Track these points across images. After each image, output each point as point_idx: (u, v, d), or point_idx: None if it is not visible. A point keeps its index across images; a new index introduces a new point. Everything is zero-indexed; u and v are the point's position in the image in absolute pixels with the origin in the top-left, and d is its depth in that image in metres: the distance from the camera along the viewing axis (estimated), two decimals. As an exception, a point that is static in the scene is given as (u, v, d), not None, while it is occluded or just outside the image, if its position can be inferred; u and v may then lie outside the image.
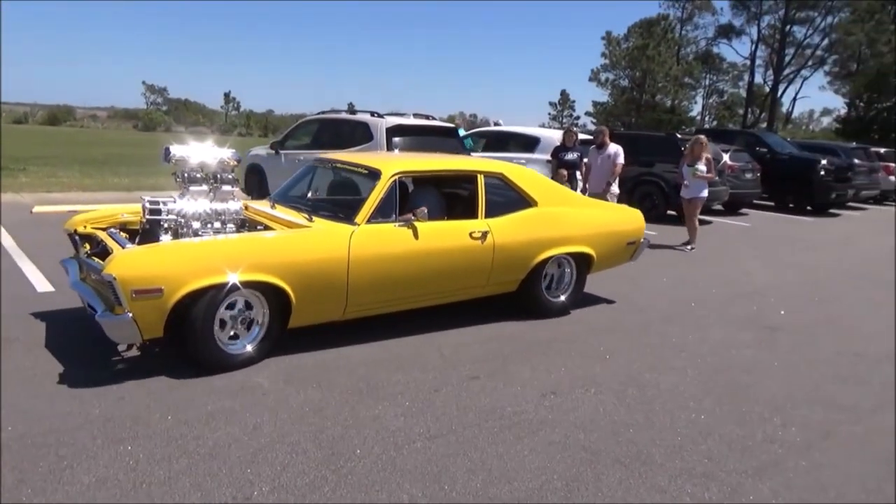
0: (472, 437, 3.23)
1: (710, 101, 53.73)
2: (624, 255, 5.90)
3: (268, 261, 3.88)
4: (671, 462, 3.10)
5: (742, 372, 4.36)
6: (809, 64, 44.17)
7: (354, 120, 8.98)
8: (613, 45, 45.61)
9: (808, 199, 14.88)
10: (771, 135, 19.31)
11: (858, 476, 3.08)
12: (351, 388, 3.72)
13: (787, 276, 7.68)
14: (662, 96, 46.12)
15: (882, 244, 11.07)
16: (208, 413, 3.31)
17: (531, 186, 5.25)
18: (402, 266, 4.43)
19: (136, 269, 3.54)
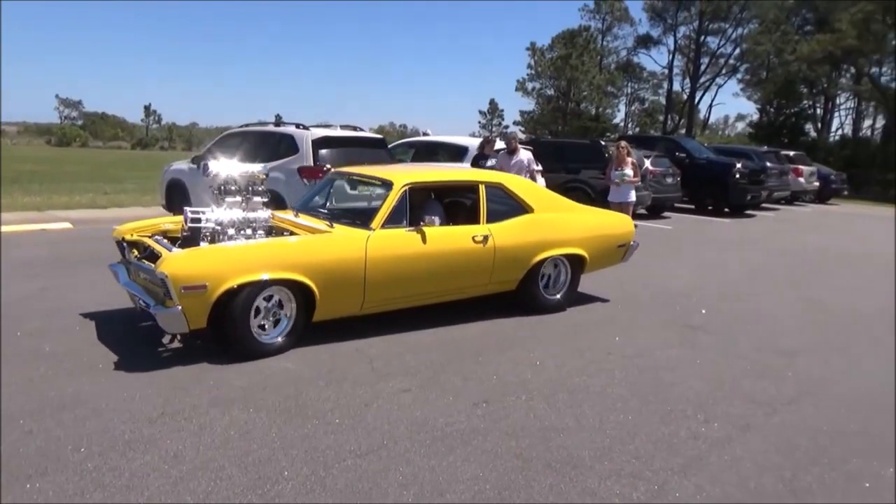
0: (404, 451, 3.19)
1: (633, 109, 55.64)
2: (615, 257, 6.42)
3: (295, 261, 4.43)
4: (600, 464, 3.15)
5: (666, 371, 4.50)
6: (723, 72, 46.41)
7: (279, 132, 8.82)
8: (538, 56, 46.65)
9: (725, 201, 15.58)
10: (689, 140, 20.14)
11: (776, 467, 3.22)
12: (279, 407, 3.63)
13: (707, 275, 8.00)
14: (587, 104, 47.40)
15: (794, 242, 11.69)
16: (125, 442, 3.15)
17: (528, 195, 5.79)
18: (413, 266, 4.97)
19: (185, 268, 4.12)
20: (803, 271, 8.76)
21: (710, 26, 43.98)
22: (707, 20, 43.23)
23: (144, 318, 5.05)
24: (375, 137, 9.58)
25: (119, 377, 3.96)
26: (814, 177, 20.66)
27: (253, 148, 9.04)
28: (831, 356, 5.02)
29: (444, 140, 11.88)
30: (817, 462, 3.29)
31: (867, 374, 4.66)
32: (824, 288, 7.65)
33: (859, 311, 6.55)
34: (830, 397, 4.18)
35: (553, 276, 5.96)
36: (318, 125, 9.33)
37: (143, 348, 4.48)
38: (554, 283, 5.97)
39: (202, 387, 3.85)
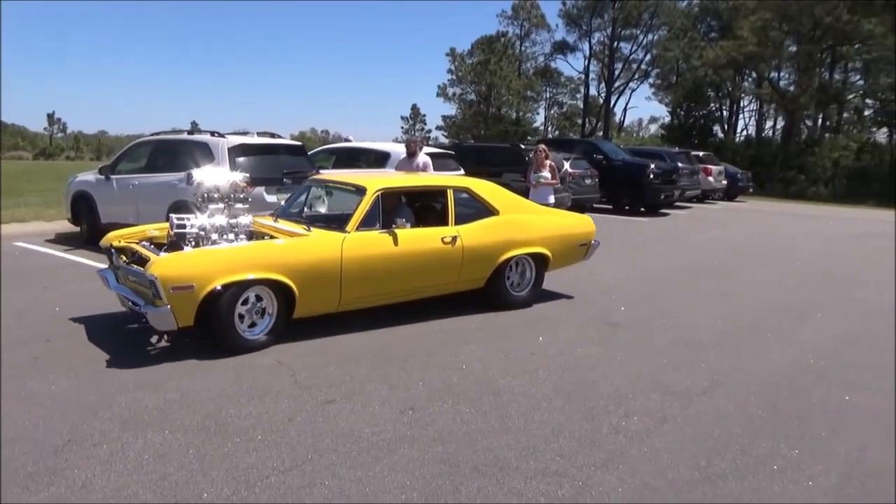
0: (330, 464, 3.14)
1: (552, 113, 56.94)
2: (577, 255, 6.84)
3: (276, 262, 4.77)
4: (526, 464, 3.20)
5: (588, 368, 4.61)
6: (636, 77, 48.23)
7: (193, 140, 8.52)
8: (458, 61, 47.13)
9: (641, 200, 16.17)
10: (606, 142, 20.80)
11: (692, 455, 3.35)
12: (197, 427, 3.50)
13: (625, 274, 8.27)
14: (507, 109, 48.23)
15: (706, 239, 12.26)
16: (27, 475, 2.96)
17: (494, 198, 6.19)
18: (386, 265, 5.31)
19: (172, 270, 4.44)
20: (715, 266, 9.19)
21: (623, 32, 45.65)
22: (619, 27, 44.85)
23: (36, 343, 4.80)
24: (294, 144, 9.42)
25: (21, 404, 3.71)
26: (722, 175, 21.74)
27: (166, 157, 8.71)
28: (741, 346, 5.28)
29: (366, 146, 11.81)
30: (729, 448, 3.45)
31: (773, 362, 4.93)
32: (734, 282, 8.05)
33: (766, 303, 6.93)
34: (740, 386, 4.39)
35: (519, 274, 6.35)
36: (235, 133, 9.09)
37: (47, 372, 4.22)
38: (520, 280, 6.36)
39: (112, 410, 3.67)
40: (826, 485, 3.12)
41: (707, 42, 41.29)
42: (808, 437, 3.64)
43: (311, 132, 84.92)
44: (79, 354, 4.57)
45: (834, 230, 14.84)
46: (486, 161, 13.34)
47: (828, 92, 34.23)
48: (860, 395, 4.31)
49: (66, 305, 5.84)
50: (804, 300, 7.14)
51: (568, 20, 46.63)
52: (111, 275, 5.25)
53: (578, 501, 2.90)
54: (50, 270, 7.48)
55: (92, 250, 8.59)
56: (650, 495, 2.96)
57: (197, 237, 5.10)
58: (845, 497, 3.02)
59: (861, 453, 3.46)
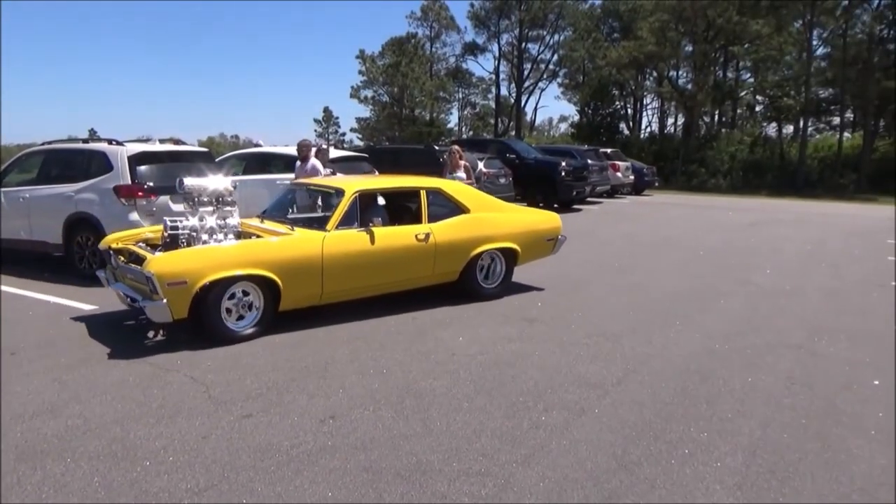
0: (247, 480, 3.04)
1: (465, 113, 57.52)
2: (545, 249, 7.31)
3: (262, 259, 5.21)
4: (449, 466, 3.20)
5: (507, 366, 4.67)
6: (545, 77, 49.53)
7: (89, 150, 8.04)
8: (369, 63, 46.81)
9: (554, 197, 16.56)
10: (518, 142, 21.21)
11: (609, 444, 3.45)
12: (102, 452, 3.30)
13: (541, 269, 8.42)
14: (421, 110, 48.37)
15: (617, 233, 12.70)
16: None
17: (464, 197, 6.65)
18: (363, 261, 5.75)
19: (168, 267, 4.87)
20: (626, 258, 9.54)
21: (530, 33, 46.73)
22: (526, 28, 45.87)
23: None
24: (200, 151, 9.07)
25: None
26: (629, 171, 22.61)
27: (59, 167, 8.19)
28: (651, 335, 5.50)
29: (276, 151, 11.51)
30: (644, 435, 3.58)
31: (682, 348, 5.15)
32: (644, 273, 8.38)
33: (673, 292, 7.24)
34: (653, 373, 4.57)
35: (490, 268, 6.78)
36: (137, 140, 8.66)
37: (-71, 405, 3.87)
38: (491, 274, 6.80)
39: (7, 441, 3.41)
40: (733, 464, 3.28)
41: (610, 42, 42.94)
42: (716, 418, 3.82)
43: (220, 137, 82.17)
44: (-34, 383, 4.22)
45: (733, 220, 15.71)
46: (400, 162, 13.30)
47: (722, 89, 36.31)
48: (761, 375, 4.57)
49: (-50, 331, 5.39)
50: (708, 287, 7.52)
51: (476, 21, 47.29)
52: (110, 274, 5.68)
53: (501, 500, 2.92)
54: (-69, 293, 6.88)
55: (-21, 269, 7.99)
56: (570, 487, 3.03)
57: (189, 237, 5.50)
58: (751, 475, 3.19)
59: (764, 431, 3.66)
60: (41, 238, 7.95)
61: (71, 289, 6.97)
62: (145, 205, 7.35)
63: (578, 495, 2.97)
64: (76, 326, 5.59)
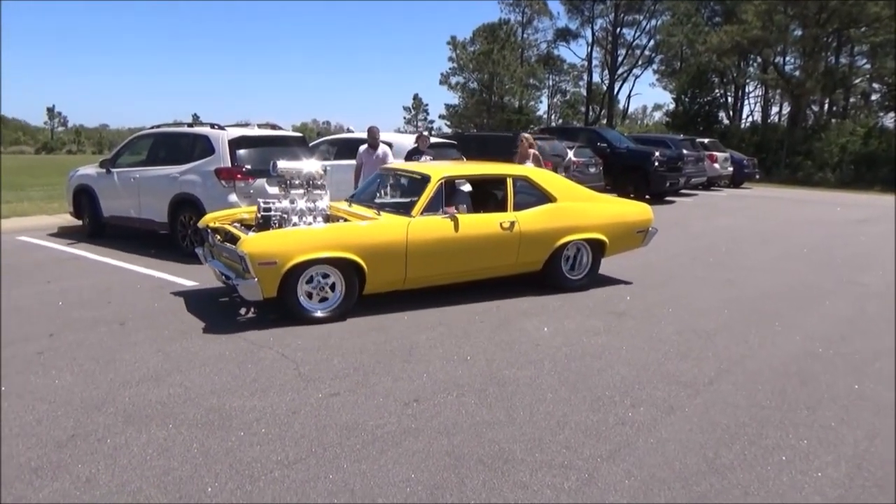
0: (333, 457, 3.13)
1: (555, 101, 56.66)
2: (635, 241, 7.18)
3: (349, 243, 5.34)
4: (531, 456, 3.18)
5: (593, 358, 4.59)
6: (639, 63, 47.94)
7: (193, 133, 8.49)
8: (460, 49, 46.82)
9: (646, 188, 16.06)
10: (610, 130, 20.70)
11: (699, 446, 3.34)
12: (200, 421, 3.49)
13: (631, 262, 8.20)
14: (510, 97, 47.95)
15: (712, 226, 12.19)
16: (32, 469, 2.96)
17: (551, 186, 6.56)
18: (447, 248, 5.80)
19: (260, 247, 5.09)
20: (721, 254, 9.15)
21: (626, 18, 45.30)
22: (622, 12, 44.51)
23: (39, 339, 4.80)
24: (295, 136, 9.38)
25: (24, 399, 3.72)
26: (728, 162, 21.63)
27: (167, 150, 8.69)
28: (747, 335, 5.25)
29: (367, 136, 11.74)
30: (737, 439, 3.43)
31: (781, 349, 4.90)
32: (740, 269, 8.00)
33: (772, 290, 6.88)
34: (748, 374, 4.37)
35: (576, 258, 6.67)
36: (236, 124, 9.05)
37: (50, 367, 4.22)
38: (577, 265, 6.69)
39: (116, 404, 3.67)
40: (836, 475, 3.10)
41: (711, 27, 40.93)
42: (818, 426, 3.61)
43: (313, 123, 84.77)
44: (81, 349, 4.57)
45: (840, 216, 14.75)
46: (488, 150, 13.25)
47: (834, 76, 33.94)
48: (868, 382, 4.28)
49: (68, 300, 5.84)
50: (811, 286, 7.10)
51: (570, 6, 46.26)
52: (207, 251, 5.99)
53: (584, 494, 2.88)
54: (53, 265, 7.48)
55: (94, 244, 8.61)
56: (657, 487, 2.95)
57: (280, 219, 5.73)
58: (855, 488, 3.00)
59: (871, 443, 3.43)
60: (149, 217, 8.47)
61: (174, 265, 7.40)
62: (243, 187, 7.68)
63: (665, 496, 2.88)
64: (177, 301, 5.92)
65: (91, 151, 65.25)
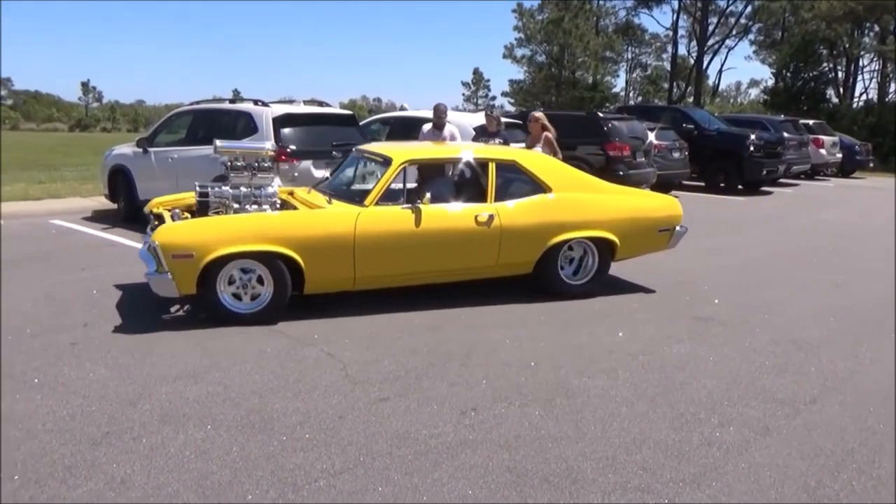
0: (383, 468, 3.18)
1: (634, 76, 55.85)
2: (657, 242, 6.55)
3: (282, 235, 5.10)
4: (604, 476, 3.16)
5: (675, 369, 4.52)
6: (734, 33, 46.55)
7: (235, 110, 8.72)
8: (527, 18, 46.47)
9: (739, 176, 15.66)
10: (698, 110, 20.25)
11: (799, 473, 3.24)
12: (240, 422, 3.59)
13: (719, 261, 8.04)
14: (583, 72, 47.34)
15: (815, 221, 11.80)
16: (65, 467, 3.11)
17: (545, 173, 6.04)
18: (406, 243, 5.43)
19: (174, 237, 4.95)
20: (826, 253, 8.84)
21: (719, -19, 44.10)
22: (715, -26, 43.35)
23: (73, 329, 5.02)
24: (344, 114, 9.52)
25: (57, 393, 3.90)
26: (836, 148, 20.87)
27: (207, 128, 8.94)
28: (857, 348, 5.07)
29: (423, 115, 11.80)
30: (844, 467, 3.32)
31: None
32: (849, 271, 7.72)
33: (887, 296, 6.61)
34: (857, 394, 4.22)
35: (581, 260, 6.22)
36: (280, 101, 9.24)
37: (84, 360, 4.42)
38: (582, 268, 6.23)
39: (153, 401, 3.81)
40: (962, 513, 2.97)
41: (820, -10, 39.43)
42: (940, 456, 3.46)
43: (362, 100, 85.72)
44: (117, 341, 4.77)
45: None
46: (558, 131, 13.13)
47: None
48: None
49: (103, 288, 6.09)
50: (935, 295, 6.79)
51: (654, -32, 45.36)
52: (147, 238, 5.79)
53: (664, 521, 2.85)
54: (87, 251, 7.81)
55: (130, 229, 8.94)
56: (749, 517, 2.88)
57: (220, 205, 5.60)
58: None
59: None
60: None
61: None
62: (287, 169, 7.83)
63: (758, 528, 2.82)
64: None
65: (126, 129, 67.73)
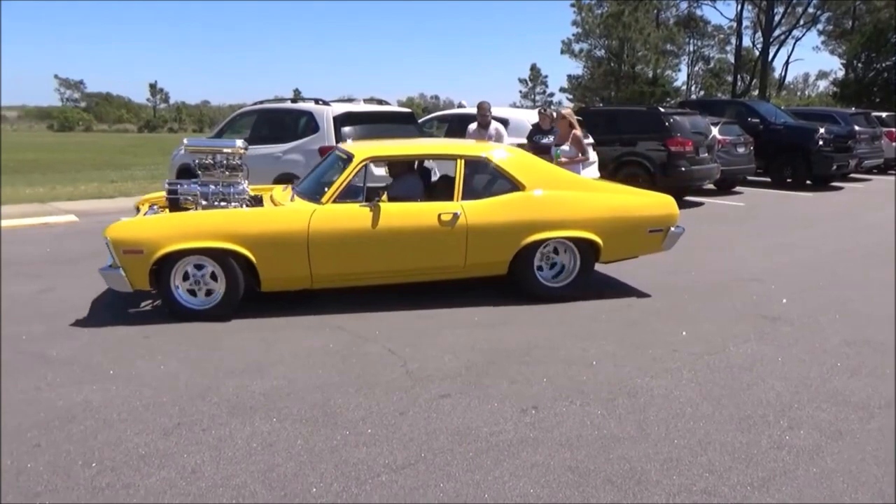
0: (444, 464, 3.19)
1: (696, 69, 54.63)
2: (647, 244, 6.14)
3: (233, 231, 5.10)
4: (668, 478, 3.10)
5: (742, 370, 4.40)
6: (801, 23, 45.14)
7: (297, 109, 8.89)
8: (585, 13, 46.02)
9: (807, 172, 15.19)
10: (763, 103, 19.69)
11: (874, 479, 3.12)
12: (304, 416, 3.66)
13: (787, 258, 7.80)
14: (643, 66, 46.68)
15: (888, 218, 11.33)
16: (140, 456, 3.22)
17: (519, 170, 5.78)
18: (362, 243, 5.33)
19: (125, 233, 5.05)
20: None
21: (786, -30, 42.82)
22: (781, -37, 42.09)
23: (145, 323, 5.19)
24: (403, 112, 9.60)
25: (131, 384, 4.05)
26: (911, 141, 20.00)
27: (269, 127, 9.13)
28: (936, 350, 4.85)
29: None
30: (923, 474, 3.18)
31: (980, 371, 4.49)
32: (926, 270, 7.39)
33: (969, 297, 6.31)
34: (937, 398, 4.03)
35: (561, 261, 5.93)
36: (340, 100, 9.37)
37: (156, 353, 4.57)
38: (563, 269, 5.94)
39: (220, 394, 3.92)
40: None
41: (894, -23, 37.84)
42: None
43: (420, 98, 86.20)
44: (186, 335, 4.92)
45: None
46: (617, 128, 12.97)
47: None
48: None
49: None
50: None
51: (718, -41, 44.31)
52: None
53: (732, 525, 2.78)
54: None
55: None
56: (821, 524, 2.79)
57: (189, 202, 5.71)
58: None
59: None
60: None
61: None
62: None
63: (831, 535, 2.73)
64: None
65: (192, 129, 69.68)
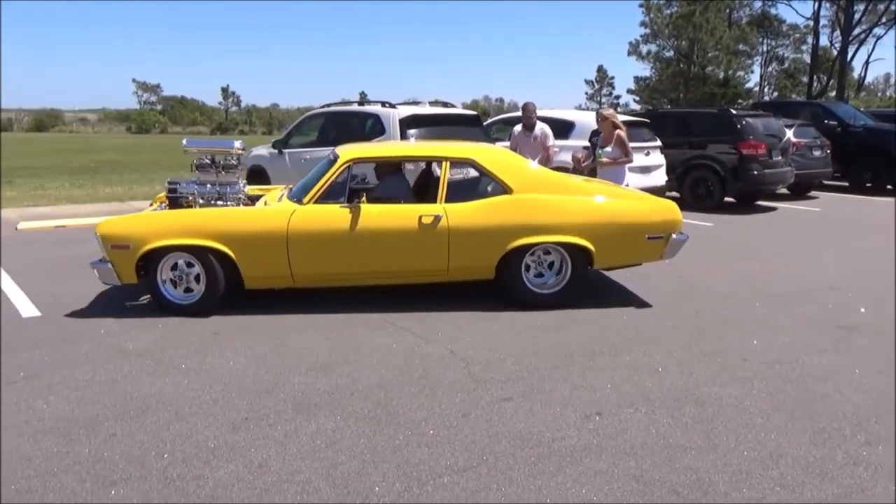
0: (507, 468, 3.17)
1: (770, 70, 52.98)
2: (646, 251, 5.83)
3: (215, 230, 5.29)
4: (737, 491, 3.01)
5: (816, 381, 4.24)
6: (883, 21, 43.19)
7: (364, 112, 9.01)
8: (654, 13, 45.15)
9: (888, 177, 14.55)
10: (841, 105, 18.97)
11: (960, 501, 2.96)
12: (367, 415, 3.70)
13: (865, 267, 7.49)
14: (714, 67, 45.47)
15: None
16: (209, 449, 3.31)
17: (506, 172, 5.68)
18: (342, 243, 5.40)
19: (113, 229, 5.32)
20: None
21: (867, -35, 41.11)
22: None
23: (216, 319, 5.32)
24: (469, 114, 9.61)
25: (202, 378, 4.17)
26: None
27: (337, 130, 9.28)
28: None
29: (546, 114, 11.71)
30: None
31: None
32: None
33: None
34: None
35: (561, 268, 5.72)
36: (406, 103, 9.45)
37: (226, 349, 4.69)
38: (556, 275, 5.74)
39: (286, 391, 4.00)
40: None
41: None
42: None
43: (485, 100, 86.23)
44: (254, 332, 5.04)
45: None
46: (687, 130, 12.69)
47: None
48: None
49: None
50: None
51: (794, -45, 42.90)
52: None
53: (804, 542, 2.68)
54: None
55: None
56: (901, 545, 2.66)
57: (187, 201, 5.90)
58: None
59: None
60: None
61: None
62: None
63: (912, 558, 2.60)
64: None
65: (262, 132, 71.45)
